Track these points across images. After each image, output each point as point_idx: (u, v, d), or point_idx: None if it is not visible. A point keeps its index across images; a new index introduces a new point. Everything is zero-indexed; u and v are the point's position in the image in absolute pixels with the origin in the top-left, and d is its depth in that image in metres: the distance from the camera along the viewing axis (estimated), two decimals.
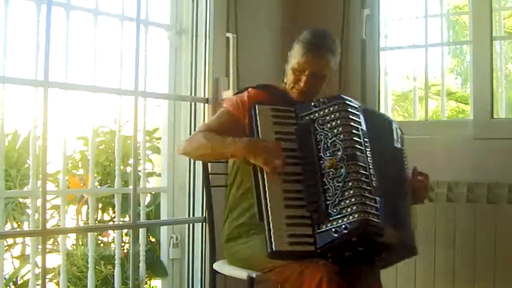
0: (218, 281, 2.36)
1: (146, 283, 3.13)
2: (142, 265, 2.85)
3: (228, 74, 2.92)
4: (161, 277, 3.02)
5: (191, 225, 2.92)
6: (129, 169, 3.29)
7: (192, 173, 2.89)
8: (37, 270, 2.44)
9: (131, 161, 2.91)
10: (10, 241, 3.13)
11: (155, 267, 2.99)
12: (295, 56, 2.08)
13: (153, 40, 2.85)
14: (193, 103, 2.91)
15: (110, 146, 3.48)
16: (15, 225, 3.28)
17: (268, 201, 1.79)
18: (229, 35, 2.93)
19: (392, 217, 1.88)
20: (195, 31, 2.94)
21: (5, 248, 2.90)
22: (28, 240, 3.08)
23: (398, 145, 2.10)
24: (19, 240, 3.22)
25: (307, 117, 1.89)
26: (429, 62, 3.15)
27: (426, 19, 3.16)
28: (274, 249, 1.75)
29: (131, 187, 2.67)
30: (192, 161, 2.87)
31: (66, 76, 2.49)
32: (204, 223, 2.83)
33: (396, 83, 4.62)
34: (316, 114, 1.88)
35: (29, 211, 2.91)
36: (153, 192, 3.36)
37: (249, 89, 2.21)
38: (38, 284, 2.39)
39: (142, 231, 2.85)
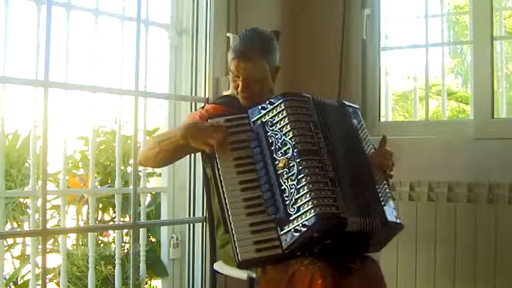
0: (218, 281, 2.36)
1: (147, 283, 3.13)
2: (142, 265, 2.85)
3: (228, 74, 2.91)
4: (161, 277, 3.02)
5: (191, 225, 2.92)
6: (129, 169, 3.28)
7: (192, 173, 2.89)
8: (37, 270, 2.44)
9: (131, 161, 2.91)
10: (10, 241, 3.13)
11: (156, 267, 3.00)
12: (229, 63, 2.13)
13: (153, 40, 2.85)
14: (193, 103, 2.91)
15: (110, 146, 3.48)
16: (15, 225, 3.28)
17: (229, 213, 1.81)
18: (229, 35, 2.93)
19: (362, 201, 1.87)
20: (196, 31, 2.94)
21: (5, 248, 2.90)
22: (28, 240, 3.08)
23: (355, 122, 2.07)
24: (19, 240, 3.22)
25: (258, 121, 1.90)
26: (429, 62, 3.15)
27: (426, 19, 3.16)
28: (240, 259, 1.77)
29: (131, 187, 2.67)
30: (192, 161, 2.87)
31: (66, 76, 2.49)
32: (204, 223, 2.83)
33: (397, 83, 4.61)
34: (266, 116, 1.89)
35: (29, 211, 2.91)
36: (153, 192, 3.36)
37: (206, 105, 2.28)
38: (38, 284, 2.39)
39: (142, 231, 2.85)
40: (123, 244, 3.17)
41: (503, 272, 2.63)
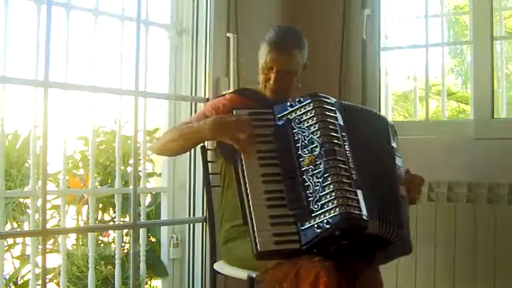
0: (218, 281, 2.36)
1: (147, 283, 3.13)
2: (142, 265, 2.85)
3: (228, 74, 2.92)
4: (161, 277, 3.02)
5: (191, 225, 2.92)
6: (129, 169, 3.29)
7: (192, 173, 2.89)
8: (37, 270, 2.44)
9: (131, 161, 2.91)
10: (10, 241, 3.13)
11: (156, 267, 3.00)
12: (262, 55, 2.18)
13: (153, 40, 2.85)
14: (193, 103, 2.91)
15: (110, 146, 3.48)
16: (15, 225, 3.28)
17: (250, 204, 1.82)
18: (229, 35, 2.93)
19: (387, 212, 1.88)
20: (195, 31, 2.94)
21: (5, 248, 2.90)
22: (28, 240, 3.08)
23: (394, 145, 2.11)
24: (19, 240, 3.22)
25: (284, 118, 1.92)
26: (429, 62, 3.15)
27: (426, 19, 3.16)
28: (259, 249, 1.78)
29: (131, 187, 2.67)
30: (192, 161, 2.87)
31: (66, 76, 2.49)
32: (204, 223, 2.83)
33: (397, 83, 4.62)
34: (293, 114, 1.91)
35: (29, 211, 2.91)
36: (153, 192, 3.36)
37: (226, 94, 2.31)
38: (38, 284, 2.40)
39: (142, 231, 2.85)
40: (123, 244, 3.17)
41: (503, 272, 2.63)
